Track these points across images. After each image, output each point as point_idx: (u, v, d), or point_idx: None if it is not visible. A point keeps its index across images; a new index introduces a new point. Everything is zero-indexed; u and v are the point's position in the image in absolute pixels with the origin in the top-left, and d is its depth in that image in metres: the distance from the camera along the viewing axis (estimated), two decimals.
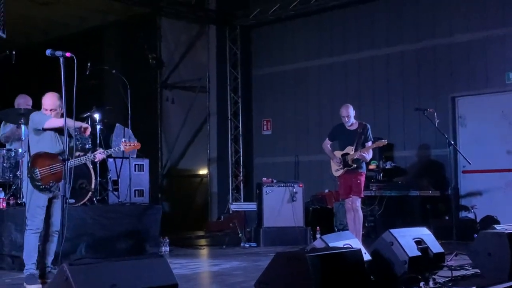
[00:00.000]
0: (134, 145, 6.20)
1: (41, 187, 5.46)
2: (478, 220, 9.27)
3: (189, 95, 13.09)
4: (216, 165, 12.40)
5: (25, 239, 5.52)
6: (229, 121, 12.44)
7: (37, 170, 5.45)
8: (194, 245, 9.45)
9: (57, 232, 5.61)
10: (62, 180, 5.48)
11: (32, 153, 5.56)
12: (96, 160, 5.94)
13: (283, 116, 12.17)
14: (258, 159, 12.57)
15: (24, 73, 11.22)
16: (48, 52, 4.74)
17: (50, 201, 5.59)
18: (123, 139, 6.17)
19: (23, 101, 7.76)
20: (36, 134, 5.57)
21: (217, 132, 12.44)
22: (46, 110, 5.60)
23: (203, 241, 10.16)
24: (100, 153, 5.86)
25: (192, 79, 13.03)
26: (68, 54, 4.66)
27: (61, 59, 4.67)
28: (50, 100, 5.59)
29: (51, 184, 5.48)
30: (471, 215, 9.49)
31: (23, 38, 13.36)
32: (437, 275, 5.36)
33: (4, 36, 7.14)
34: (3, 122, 7.87)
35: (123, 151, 8.37)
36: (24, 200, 5.88)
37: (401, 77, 10.80)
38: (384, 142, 8.01)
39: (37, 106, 7.23)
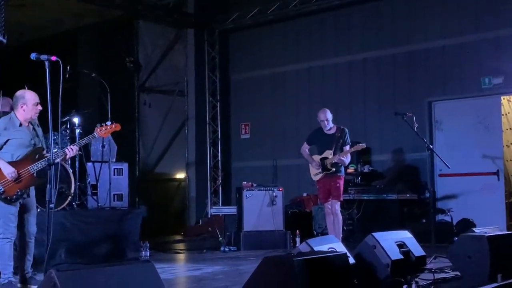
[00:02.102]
0: (111, 127, 5.58)
1: (7, 199, 5.28)
2: (454, 223, 9.42)
3: (167, 99, 13.06)
4: (195, 169, 12.39)
5: (0, 248, 5.33)
6: (207, 125, 12.43)
7: None
8: (173, 250, 9.40)
9: (32, 238, 5.53)
10: (33, 186, 5.40)
11: None
12: (67, 156, 5.47)
13: (261, 120, 12.21)
14: (236, 163, 12.58)
15: (1, 76, 11.05)
16: (33, 56, 4.69)
17: (22, 206, 5.43)
18: (98, 124, 5.58)
19: (2, 103, 7.66)
20: None
21: (195, 136, 12.43)
22: (34, 105, 5.38)
23: (182, 246, 10.12)
24: (69, 148, 5.43)
25: (170, 83, 13.00)
26: (53, 58, 4.62)
27: (47, 63, 4.62)
28: (33, 93, 5.41)
29: (18, 193, 5.30)
30: (447, 218, 9.63)
31: None
32: (419, 278, 5.43)
33: (4, 41, 7.02)
34: None
35: (102, 150, 8.36)
36: None
37: (377, 82, 10.92)
38: (362, 145, 8.09)
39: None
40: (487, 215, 9.21)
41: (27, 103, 5.39)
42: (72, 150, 5.47)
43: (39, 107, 5.40)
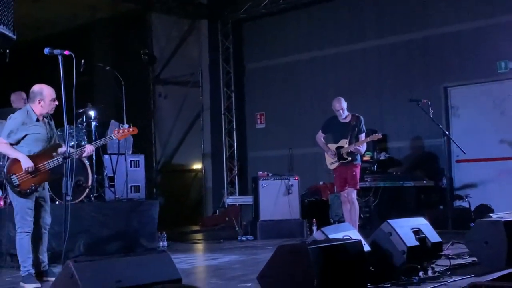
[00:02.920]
0: (128, 131, 5.74)
1: (22, 192, 5.33)
2: (472, 209, 9.36)
3: (182, 90, 13.10)
4: (211, 160, 12.44)
5: (19, 242, 5.42)
6: (222, 115, 12.45)
7: (14, 176, 5.30)
8: (191, 240, 9.47)
9: (47, 228, 5.59)
10: (48, 181, 5.45)
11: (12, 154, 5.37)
12: (84, 155, 5.60)
13: (276, 109, 12.20)
14: (252, 152, 12.60)
15: (17, 71, 11.16)
16: (46, 50, 4.73)
17: (37, 200, 5.48)
18: (115, 128, 5.80)
19: (15, 98, 7.76)
20: None
21: (210, 127, 12.47)
22: (52, 100, 5.38)
23: (199, 236, 10.19)
24: (88, 145, 5.58)
25: (184, 74, 13.04)
26: (66, 52, 4.65)
27: (60, 58, 4.65)
28: (50, 89, 5.41)
29: (32, 188, 5.35)
30: (465, 204, 9.58)
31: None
32: (436, 264, 5.42)
33: (14, 37, 7.09)
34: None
35: (118, 142, 8.42)
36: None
37: (392, 69, 10.85)
38: (378, 135, 8.03)
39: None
40: (505, 200, 9.12)
41: (45, 98, 5.41)
42: (88, 150, 5.56)
43: (56, 103, 5.43)
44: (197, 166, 13.07)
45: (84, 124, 8.11)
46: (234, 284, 5.29)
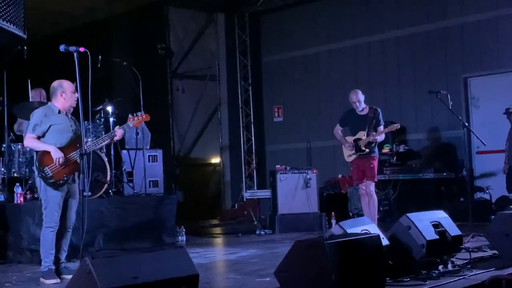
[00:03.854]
0: (141, 118, 5.81)
1: (55, 183, 5.39)
2: (493, 201, 9.25)
3: (199, 84, 13.09)
4: (229, 154, 12.44)
5: (43, 237, 5.46)
6: (240, 109, 12.44)
7: (47, 168, 5.36)
8: (209, 234, 9.49)
9: (71, 227, 5.62)
10: (76, 173, 5.49)
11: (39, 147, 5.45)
12: (116, 138, 5.75)
13: (294, 102, 12.15)
14: (270, 146, 12.58)
15: (35, 67, 11.24)
16: (62, 47, 4.74)
17: (66, 198, 5.51)
18: (129, 115, 5.80)
19: (34, 94, 7.82)
20: None
21: (228, 121, 12.47)
22: (73, 93, 5.44)
23: (218, 230, 10.21)
24: (117, 129, 5.71)
25: (201, 68, 13.02)
26: (82, 49, 4.66)
27: (75, 54, 4.66)
28: (69, 82, 5.46)
29: (65, 178, 5.41)
30: (486, 196, 9.47)
31: (32, 31, 13.37)
32: (456, 258, 5.36)
33: (24, 37, 7.13)
34: (18, 118, 7.93)
35: (136, 138, 8.46)
36: (39, 195, 5.85)
37: (412, 60, 10.74)
38: (396, 126, 7.97)
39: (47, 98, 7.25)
40: None
41: (66, 91, 5.47)
42: (119, 133, 5.68)
43: (76, 95, 5.46)
44: (215, 160, 13.08)
45: (102, 119, 8.15)
46: (252, 279, 5.29)
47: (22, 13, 7.05)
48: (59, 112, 5.52)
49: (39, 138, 5.46)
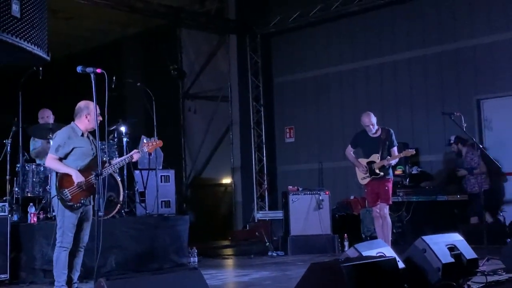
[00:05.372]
0: (155, 143, 5.96)
1: (73, 206, 5.40)
2: (507, 223, 9.16)
3: (211, 105, 13.16)
4: (240, 174, 12.43)
5: (56, 256, 5.46)
6: (252, 129, 12.46)
7: (66, 190, 5.37)
8: (221, 255, 9.45)
9: (84, 247, 5.62)
10: (93, 194, 5.50)
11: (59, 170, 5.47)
12: (133, 160, 5.83)
13: (306, 123, 12.16)
14: (281, 167, 12.56)
15: (50, 88, 11.35)
16: (79, 69, 4.78)
17: (80, 218, 5.52)
18: (144, 141, 5.94)
19: (40, 115, 7.90)
20: None
21: (240, 141, 12.48)
22: (97, 116, 5.41)
23: (229, 251, 10.16)
24: (135, 152, 5.76)
25: (213, 89, 13.10)
26: (98, 71, 4.69)
27: (92, 76, 4.70)
28: (94, 104, 5.41)
29: (82, 201, 5.43)
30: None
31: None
32: (472, 281, 5.31)
33: (48, 59, 7.20)
34: (32, 137, 7.97)
35: (149, 158, 8.49)
36: (54, 214, 5.85)
37: (424, 81, 10.73)
38: (412, 151, 7.90)
39: (60, 119, 7.31)
40: None
41: (91, 113, 5.47)
42: (136, 156, 5.76)
43: (100, 118, 5.48)
44: (227, 180, 13.07)
45: (115, 140, 8.18)
46: None
47: (46, 35, 7.13)
48: (82, 134, 5.56)
49: (60, 159, 5.48)
